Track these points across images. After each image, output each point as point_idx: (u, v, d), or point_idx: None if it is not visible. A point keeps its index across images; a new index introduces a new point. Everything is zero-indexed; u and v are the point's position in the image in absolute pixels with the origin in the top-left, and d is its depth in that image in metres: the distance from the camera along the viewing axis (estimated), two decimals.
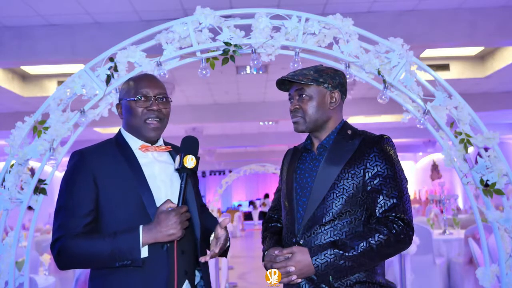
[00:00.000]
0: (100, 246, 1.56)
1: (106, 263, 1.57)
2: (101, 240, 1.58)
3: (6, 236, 2.48)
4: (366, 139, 1.76)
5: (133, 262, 1.56)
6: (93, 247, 1.57)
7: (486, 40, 5.44)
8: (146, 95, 1.72)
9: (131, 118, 1.73)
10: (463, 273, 5.06)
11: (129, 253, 1.55)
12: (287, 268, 1.65)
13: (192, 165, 1.63)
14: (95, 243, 1.58)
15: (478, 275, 2.40)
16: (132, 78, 1.81)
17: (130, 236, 1.56)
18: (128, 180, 1.64)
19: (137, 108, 1.72)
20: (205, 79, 7.67)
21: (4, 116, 9.01)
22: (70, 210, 1.62)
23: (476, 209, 2.45)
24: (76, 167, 1.67)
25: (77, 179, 1.65)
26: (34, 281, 3.42)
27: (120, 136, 1.78)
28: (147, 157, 1.73)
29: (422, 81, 2.46)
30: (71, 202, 1.63)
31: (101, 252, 1.56)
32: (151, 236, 1.57)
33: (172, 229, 1.56)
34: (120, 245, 1.55)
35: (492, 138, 2.35)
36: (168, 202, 1.60)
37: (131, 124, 1.75)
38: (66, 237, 1.59)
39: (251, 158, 16.72)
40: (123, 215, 1.63)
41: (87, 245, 1.58)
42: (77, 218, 1.61)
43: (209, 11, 2.39)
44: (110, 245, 1.55)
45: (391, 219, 1.65)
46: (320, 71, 1.82)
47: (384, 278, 1.74)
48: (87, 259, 1.59)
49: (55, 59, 5.45)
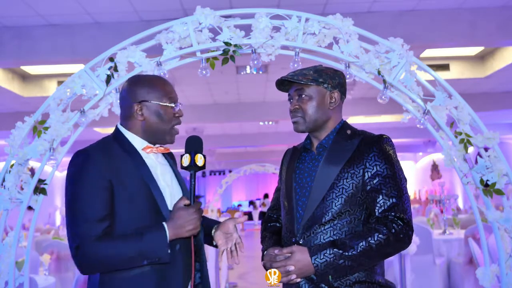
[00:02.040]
0: (128, 248, 1.55)
1: (135, 262, 1.56)
2: (128, 241, 1.56)
3: (6, 236, 2.48)
4: (365, 139, 1.77)
5: (161, 258, 1.57)
6: (120, 249, 1.55)
7: (486, 40, 5.44)
8: (175, 101, 1.73)
9: (159, 122, 1.70)
10: (463, 273, 5.06)
11: (158, 251, 1.56)
12: (286, 268, 1.65)
13: (202, 163, 1.67)
14: (122, 245, 1.55)
15: (478, 275, 2.40)
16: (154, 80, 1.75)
17: (158, 234, 1.57)
18: (139, 180, 1.64)
19: (168, 114, 1.71)
20: (205, 79, 7.67)
21: (4, 116, 9.01)
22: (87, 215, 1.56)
23: (476, 209, 2.45)
24: (86, 167, 1.60)
25: (90, 180, 1.59)
26: (34, 281, 3.42)
27: (120, 135, 1.73)
28: (150, 158, 1.73)
29: (422, 81, 2.46)
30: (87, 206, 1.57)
31: (130, 253, 1.55)
32: (174, 232, 1.58)
33: (192, 225, 1.59)
34: (148, 244, 1.55)
35: (492, 138, 2.35)
36: (184, 199, 1.63)
37: (154, 128, 1.71)
38: (89, 243, 1.54)
39: (251, 158, 16.73)
40: (135, 214, 1.61)
41: (114, 247, 1.55)
42: (97, 222, 1.56)
43: (209, 11, 2.39)
44: (139, 245, 1.55)
45: (391, 218, 1.65)
46: (319, 71, 1.82)
47: (383, 278, 1.74)
48: (115, 261, 1.56)
49: (55, 59, 5.45)
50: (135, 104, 1.70)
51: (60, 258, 5.25)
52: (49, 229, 10.08)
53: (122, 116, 1.77)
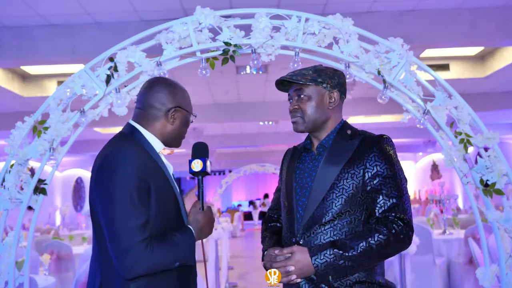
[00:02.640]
0: (170, 252, 1.57)
1: (171, 266, 1.58)
2: (171, 245, 1.57)
3: (6, 236, 2.48)
4: (365, 139, 1.76)
5: (188, 261, 1.62)
6: (166, 254, 1.55)
7: (486, 40, 5.44)
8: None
9: (183, 128, 1.80)
10: (463, 273, 5.06)
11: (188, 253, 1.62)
12: (286, 268, 1.65)
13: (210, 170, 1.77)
14: (167, 249, 1.56)
15: (478, 275, 2.40)
16: (183, 89, 1.84)
17: (188, 237, 1.63)
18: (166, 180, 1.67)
19: (189, 122, 1.83)
20: (205, 79, 7.67)
21: (4, 116, 9.01)
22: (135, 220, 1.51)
23: (476, 209, 2.45)
24: (129, 169, 1.53)
25: (136, 183, 1.53)
26: (34, 281, 3.42)
27: (141, 136, 1.69)
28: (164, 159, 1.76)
29: (422, 81, 2.46)
30: (135, 210, 1.52)
31: (173, 257, 1.57)
32: (197, 235, 1.67)
33: (209, 229, 1.72)
34: (182, 247, 1.60)
35: (492, 138, 2.35)
36: (198, 203, 1.72)
37: (178, 134, 1.78)
38: (140, 246, 1.50)
39: (251, 158, 16.73)
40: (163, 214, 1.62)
41: (161, 253, 1.54)
42: (144, 226, 1.52)
43: (209, 11, 2.39)
44: (178, 249, 1.59)
45: (391, 219, 1.65)
46: (319, 71, 1.82)
47: (383, 278, 1.74)
48: (162, 265, 1.55)
49: (55, 59, 5.45)
50: (173, 109, 1.72)
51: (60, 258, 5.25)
52: (49, 229, 10.08)
53: (144, 116, 1.72)
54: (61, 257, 5.25)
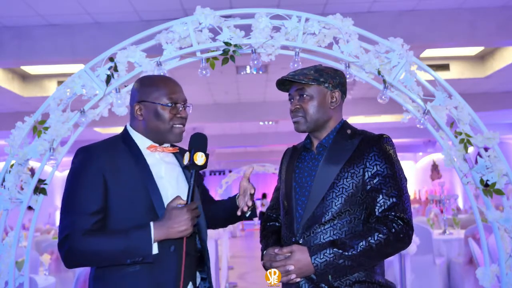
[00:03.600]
0: (112, 244, 1.55)
1: (118, 260, 1.56)
2: (113, 237, 1.57)
3: (6, 236, 2.48)
4: (365, 138, 1.76)
5: (144, 259, 1.56)
6: (105, 245, 1.56)
7: (486, 40, 5.44)
8: (176, 102, 1.72)
9: (157, 122, 1.71)
10: (463, 273, 5.06)
11: (141, 249, 1.54)
12: (286, 267, 1.65)
13: (202, 162, 1.63)
14: (107, 240, 1.57)
15: (478, 275, 2.40)
16: (157, 81, 1.76)
17: (142, 232, 1.55)
18: (137, 179, 1.64)
19: (167, 114, 1.70)
20: (205, 79, 7.67)
21: (4, 116, 9.01)
22: (79, 208, 1.59)
23: (476, 209, 2.45)
24: (84, 164, 1.64)
25: (86, 176, 1.62)
26: (34, 281, 3.42)
27: (127, 134, 1.75)
28: (154, 157, 1.72)
29: (422, 81, 2.46)
30: (80, 200, 1.60)
31: (114, 249, 1.55)
32: (163, 232, 1.56)
33: (184, 225, 1.56)
34: (133, 242, 1.55)
35: (492, 138, 2.35)
36: (178, 199, 1.60)
37: (154, 128, 1.72)
38: (76, 235, 1.56)
39: (251, 158, 16.72)
40: (131, 214, 1.62)
41: (99, 242, 1.56)
42: (87, 216, 1.58)
43: (209, 11, 2.39)
44: (123, 242, 1.55)
45: (391, 218, 1.65)
46: (320, 70, 1.82)
47: (383, 278, 1.74)
48: (99, 257, 1.57)
49: (55, 59, 5.46)
50: (136, 104, 1.74)
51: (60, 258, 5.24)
52: (49, 229, 10.07)
53: (130, 116, 1.80)
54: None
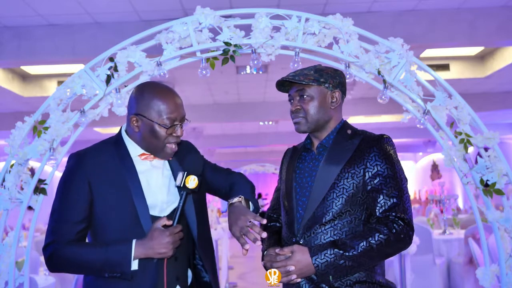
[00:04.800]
0: (92, 256, 1.58)
1: (96, 272, 1.60)
2: (94, 249, 1.60)
3: (6, 236, 2.48)
4: (366, 138, 1.76)
5: (122, 275, 1.57)
6: (85, 256, 1.59)
7: (486, 40, 5.44)
8: (173, 121, 1.65)
9: (152, 139, 1.65)
10: (463, 273, 5.06)
11: (119, 265, 1.56)
12: (287, 268, 1.64)
13: (194, 186, 1.62)
14: (87, 252, 1.60)
15: (478, 275, 2.40)
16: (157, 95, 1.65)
17: (123, 248, 1.57)
18: (124, 187, 1.63)
19: (161, 132, 1.64)
20: (205, 79, 7.67)
21: (4, 116, 9.02)
22: (63, 215, 1.62)
23: (476, 209, 2.44)
24: (72, 171, 1.65)
25: (72, 183, 1.63)
26: (34, 281, 3.41)
27: (120, 139, 1.72)
28: (144, 164, 1.70)
29: (422, 81, 2.45)
30: (65, 208, 1.62)
31: (93, 261, 1.58)
32: (143, 252, 1.58)
33: (164, 249, 1.57)
34: (112, 256, 1.57)
35: (492, 138, 2.35)
36: (164, 220, 1.60)
37: (147, 142, 1.67)
38: (58, 243, 1.60)
39: (251, 158, 16.73)
40: (115, 222, 1.63)
41: (79, 253, 1.60)
42: (70, 224, 1.61)
43: (209, 11, 2.39)
44: (102, 255, 1.57)
45: (391, 218, 1.65)
46: (320, 70, 1.82)
47: (384, 278, 1.74)
48: (78, 267, 1.62)
49: (55, 59, 5.46)
50: (132, 116, 1.67)
51: None
52: None
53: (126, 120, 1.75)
54: None
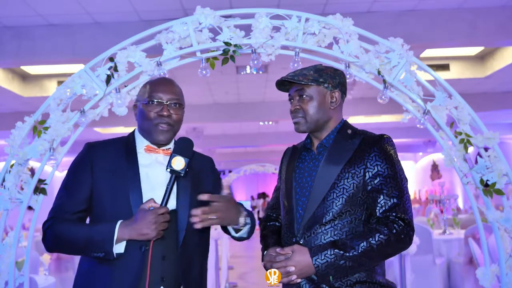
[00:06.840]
0: (78, 234, 1.64)
1: (83, 250, 1.65)
2: (81, 227, 1.67)
3: (6, 236, 2.48)
4: (366, 138, 1.76)
5: (106, 255, 1.60)
6: (74, 234, 1.65)
7: (486, 40, 5.44)
8: (159, 100, 1.76)
9: (143, 121, 1.78)
10: (463, 273, 5.06)
11: (102, 244, 1.59)
12: (287, 268, 1.64)
13: (180, 167, 1.63)
14: (76, 230, 1.66)
15: (478, 275, 2.40)
16: (149, 82, 1.85)
17: (106, 228, 1.61)
18: (122, 177, 1.69)
19: (149, 112, 1.75)
20: (205, 79, 7.67)
21: (4, 116, 9.01)
22: (65, 194, 1.73)
23: (476, 209, 2.44)
24: (80, 157, 1.77)
25: (77, 167, 1.75)
26: (34, 281, 3.41)
27: (132, 135, 1.85)
28: (149, 158, 1.76)
29: (422, 81, 2.45)
30: (67, 187, 1.74)
31: (78, 239, 1.63)
32: (126, 232, 1.58)
33: (146, 228, 1.56)
34: (94, 235, 1.61)
35: (492, 138, 2.35)
36: (151, 201, 1.60)
37: (143, 127, 1.79)
38: (56, 219, 1.68)
39: (250, 158, 16.73)
40: (110, 210, 1.67)
41: (69, 229, 1.66)
42: (69, 204, 1.70)
43: (209, 11, 2.39)
44: (86, 233, 1.62)
45: (392, 219, 1.65)
46: (320, 70, 1.82)
47: (384, 278, 1.74)
48: (67, 244, 1.68)
49: (55, 59, 5.46)
50: (134, 106, 1.87)
51: (60, 258, 5.25)
52: None
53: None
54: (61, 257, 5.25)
